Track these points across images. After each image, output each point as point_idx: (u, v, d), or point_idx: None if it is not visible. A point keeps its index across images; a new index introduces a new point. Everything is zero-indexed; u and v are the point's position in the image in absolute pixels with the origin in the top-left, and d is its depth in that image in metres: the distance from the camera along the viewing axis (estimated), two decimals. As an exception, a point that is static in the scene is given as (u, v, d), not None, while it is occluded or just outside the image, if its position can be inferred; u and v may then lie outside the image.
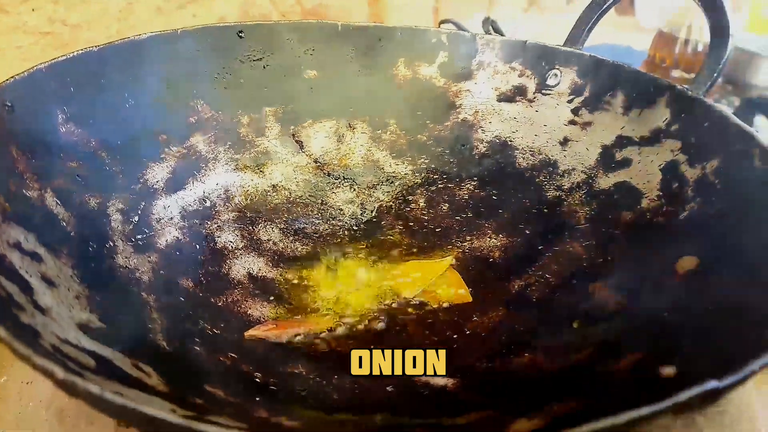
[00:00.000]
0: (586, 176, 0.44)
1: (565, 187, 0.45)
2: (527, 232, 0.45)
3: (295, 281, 0.41)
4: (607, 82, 0.45)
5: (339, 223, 0.47)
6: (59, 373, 0.17)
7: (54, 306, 0.26)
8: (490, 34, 0.88)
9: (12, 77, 0.34)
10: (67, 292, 0.29)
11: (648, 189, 0.40)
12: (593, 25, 0.47)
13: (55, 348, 0.22)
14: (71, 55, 0.39)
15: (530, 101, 0.49)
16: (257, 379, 0.32)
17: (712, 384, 0.20)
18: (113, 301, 0.31)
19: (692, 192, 0.36)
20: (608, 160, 0.43)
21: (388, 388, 0.33)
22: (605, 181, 0.43)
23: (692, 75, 0.63)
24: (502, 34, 0.89)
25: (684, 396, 0.19)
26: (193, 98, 0.45)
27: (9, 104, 0.33)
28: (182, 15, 0.75)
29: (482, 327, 0.38)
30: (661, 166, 0.39)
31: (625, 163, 0.42)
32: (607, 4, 0.46)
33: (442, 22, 0.93)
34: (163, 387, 0.26)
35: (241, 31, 0.48)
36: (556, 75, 0.48)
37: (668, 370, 0.26)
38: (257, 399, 0.29)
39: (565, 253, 0.41)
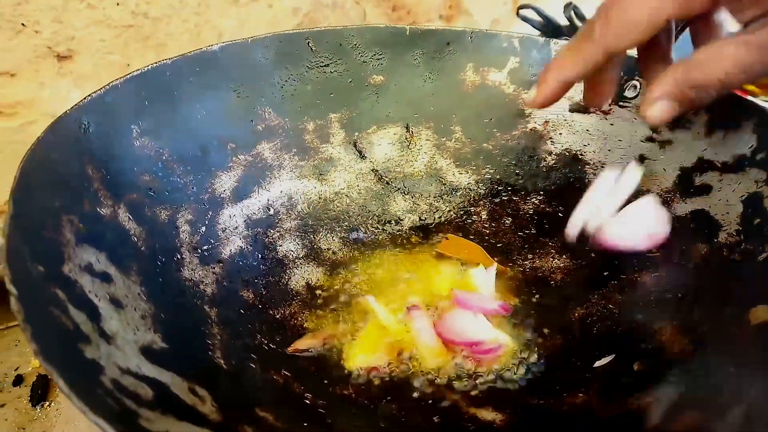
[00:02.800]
0: (661, 200, 0.42)
1: (638, 208, 0.43)
2: (593, 254, 0.43)
3: (352, 292, 0.42)
4: (691, 99, 0.42)
5: (398, 233, 0.47)
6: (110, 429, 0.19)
7: (120, 330, 0.28)
8: (571, 22, 0.84)
9: (89, 95, 0.36)
10: (134, 312, 0.30)
11: (727, 221, 0.37)
12: (680, 32, 0.44)
13: (115, 383, 0.24)
14: (146, 68, 0.40)
15: (605, 113, 0.46)
16: (307, 401, 0.33)
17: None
18: (177, 318, 0.33)
19: (776, 232, 0.34)
20: (686, 184, 0.41)
21: (435, 419, 0.33)
22: (682, 208, 0.40)
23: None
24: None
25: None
26: (261, 106, 0.46)
27: (86, 123, 0.35)
28: (257, 7, 0.76)
29: (536, 355, 0.37)
30: (743, 197, 0.36)
31: (705, 189, 0.39)
32: (696, 13, 0.43)
33: (521, 7, 0.89)
34: (216, 415, 0.27)
35: (308, 38, 0.48)
36: (635, 86, 0.45)
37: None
38: (305, 424, 0.30)
39: (632, 282, 0.40)
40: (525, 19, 0.89)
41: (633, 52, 0.46)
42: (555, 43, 0.48)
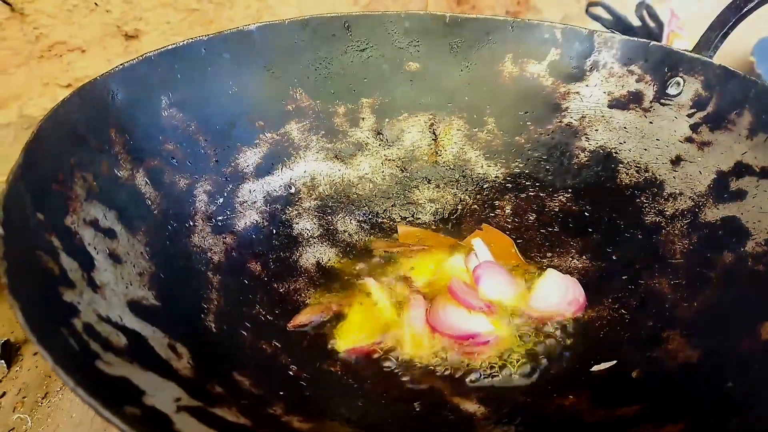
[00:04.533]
0: (693, 204, 0.39)
1: (668, 213, 0.40)
2: (614, 257, 0.41)
3: (360, 274, 0.42)
4: (735, 98, 0.39)
5: (417, 221, 0.47)
6: (50, 359, 0.20)
7: (111, 282, 0.29)
8: (643, 21, 0.80)
9: (120, 65, 0.38)
10: (132, 268, 0.32)
11: (757, 230, 0.34)
12: (730, 29, 0.41)
13: (88, 327, 0.25)
14: (181, 43, 0.42)
15: (645, 110, 0.44)
16: (291, 372, 0.33)
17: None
18: (176, 279, 0.34)
19: (806, 244, 0.31)
20: (721, 188, 0.38)
21: (416, 404, 0.32)
22: (713, 213, 0.38)
23: None
24: (659, 22, 0.81)
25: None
26: (293, 87, 0.47)
27: (114, 90, 0.37)
28: (318, -6, 0.77)
29: (535, 358, 0.36)
30: (779, 206, 0.33)
31: (739, 195, 0.36)
32: (750, 6, 0.39)
33: (591, 4, 0.86)
34: (188, 371, 0.28)
35: (346, 22, 0.48)
36: (678, 84, 0.42)
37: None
38: (281, 393, 0.31)
39: (649, 288, 0.37)
40: (595, 18, 0.85)
41: (678, 45, 0.43)
42: (599, 35, 0.45)
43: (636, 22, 0.81)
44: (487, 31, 0.48)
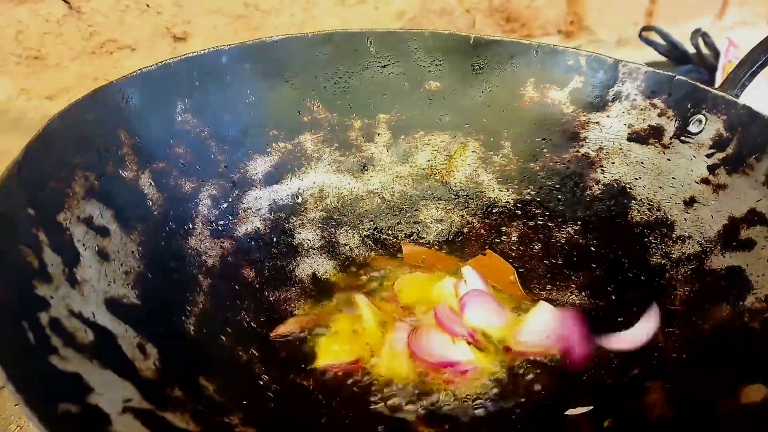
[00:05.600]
0: (700, 249, 0.37)
1: (674, 256, 0.38)
2: (614, 297, 0.39)
3: (355, 290, 0.42)
4: (757, 142, 0.36)
5: (421, 240, 0.46)
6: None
7: (93, 278, 0.31)
8: (698, 50, 0.77)
9: (139, 70, 0.40)
10: (119, 266, 0.33)
11: (760, 285, 0.32)
12: (760, 68, 0.38)
13: (53, 321, 0.26)
14: (203, 52, 0.43)
15: (665, 147, 0.42)
16: (261, 382, 0.34)
17: None
18: (164, 280, 0.36)
19: (804, 306, 0.28)
20: (731, 236, 0.36)
21: (380, 428, 0.32)
22: (718, 261, 0.35)
23: None
24: (716, 52, 0.77)
25: None
26: (311, 99, 0.48)
27: (129, 94, 0.39)
28: (364, 8, 0.78)
29: (513, 393, 0.35)
30: (785, 261, 0.31)
31: (748, 245, 0.34)
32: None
33: (645, 29, 0.83)
34: (150, 372, 0.29)
35: (370, 38, 0.48)
36: (700, 121, 0.40)
37: None
38: (244, 402, 0.31)
39: (642, 334, 0.36)
40: (648, 43, 0.82)
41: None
42: (624, 65, 0.44)
43: (691, 50, 0.77)
44: (511, 54, 0.48)
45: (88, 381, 0.25)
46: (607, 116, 0.45)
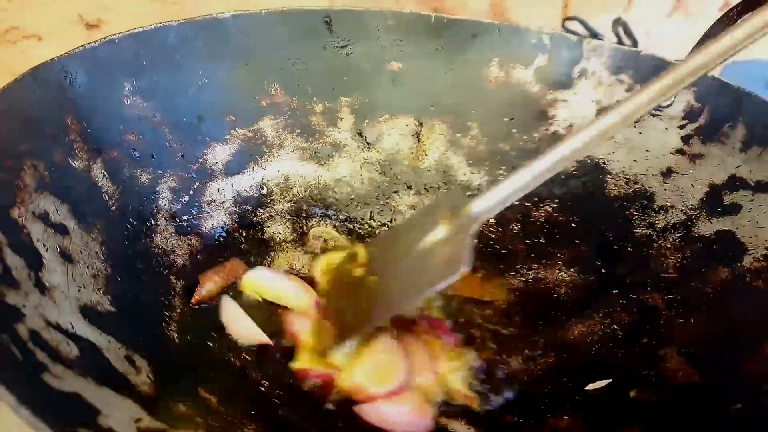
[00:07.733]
0: (685, 217, 0.38)
1: (659, 225, 0.39)
2: (603, 270, 0.39)
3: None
4: (729, 111, 0.38)
5: (397, 229, 0.44)
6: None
7: (62, 284, 0.26)
8: (619, 38, 0.80)
9: (81, 46, 0.35)
10: (85, 269, 0.28)
11: (754, 245, 0.33)
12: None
13: (34, 334, 0.21)
14: (149, 27, 0.38)
15: (636, 121, 0.42)
16: (262, 389, 0.30)
17: None
18: (135, 284, 0.31)
19: (810, 260, 0.29)
20: (714, 202, 0.37)
21: None
22: (706, 227, 0.36)
23: None
24: (634, 40, 0.81)
25: None
26: (268, 81, 0.44)
27: (72, 73, 0.33)
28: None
29: (526, 372, 0.33)
30: (777, 220, 0.32)
31: (734, 209, 0.35)
32: (742, 19, 0.39)
33: (567, 19, 0.86)
34: (147, 387, 0.25)
35: (327, 17, 0.46)
36: (669, 94, 0.41)
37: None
38: (252, 412, 0.28)
39: (642, 304, 0.36)
40: (570, 32, 0.85)
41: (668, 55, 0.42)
42: (588, 42, 0.44)
43: (612, 39, 0.81)
44: (473, 34, 0.47)
45: (90, 401, 0.20)
46: (574, 93, 0.45)
